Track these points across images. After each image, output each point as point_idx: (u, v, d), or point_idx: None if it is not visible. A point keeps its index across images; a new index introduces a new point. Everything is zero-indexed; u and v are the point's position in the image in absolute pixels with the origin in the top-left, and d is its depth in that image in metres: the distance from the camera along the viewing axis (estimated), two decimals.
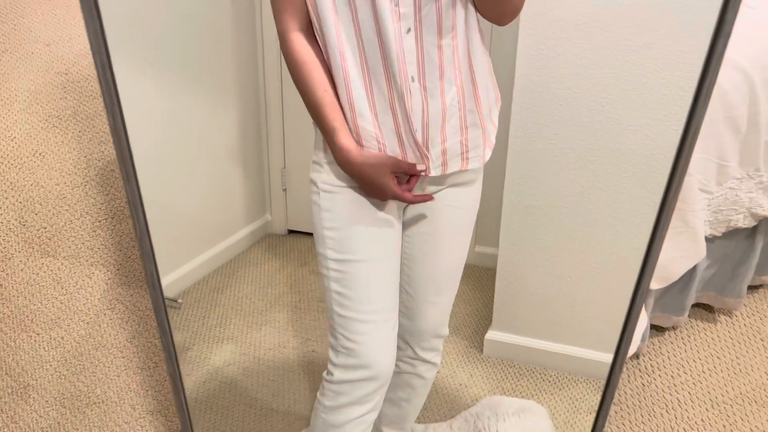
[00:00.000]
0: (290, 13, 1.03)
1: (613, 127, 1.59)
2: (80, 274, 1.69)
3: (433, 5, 0.99)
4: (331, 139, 1.06)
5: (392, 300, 1.16)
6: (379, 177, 1.06)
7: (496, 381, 1.86)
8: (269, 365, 1.95)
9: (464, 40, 1.05)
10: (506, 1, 0.99)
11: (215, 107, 2.39)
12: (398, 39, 0.98)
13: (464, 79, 1.07)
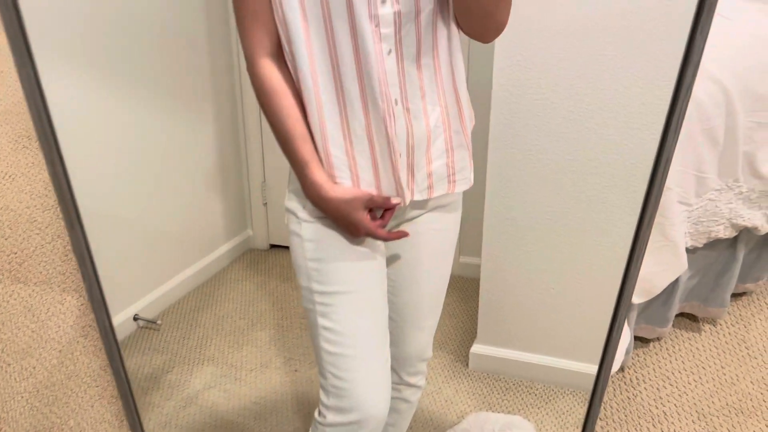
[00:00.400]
0: (259, 36, 0.97)
1: (591, 137, 1.58)
2: (52, 300, 1.64)
3: (412, 25, 0.96)
4: (301, 173, 1.00)
5: (383, 332, 1.10)
6: (352, 213, 1.01)
7: (482, 396, 1.84)
8: (251, 387, 1.91)
9: (447, 59, 1.01)
10: (490, 18, 0.95)
11: (191, 121, 2.36)
12: (380, 61, 0.94)
13: (448, 98, 1.03)
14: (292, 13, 0.92)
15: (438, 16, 0.97)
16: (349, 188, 1.01)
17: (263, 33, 0.96)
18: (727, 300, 1.90)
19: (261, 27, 0.96)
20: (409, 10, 0.94)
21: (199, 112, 2.36)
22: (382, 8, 0.92)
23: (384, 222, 1.05)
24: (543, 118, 1.59)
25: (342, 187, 1.01)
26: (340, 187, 1.00)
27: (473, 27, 0.97)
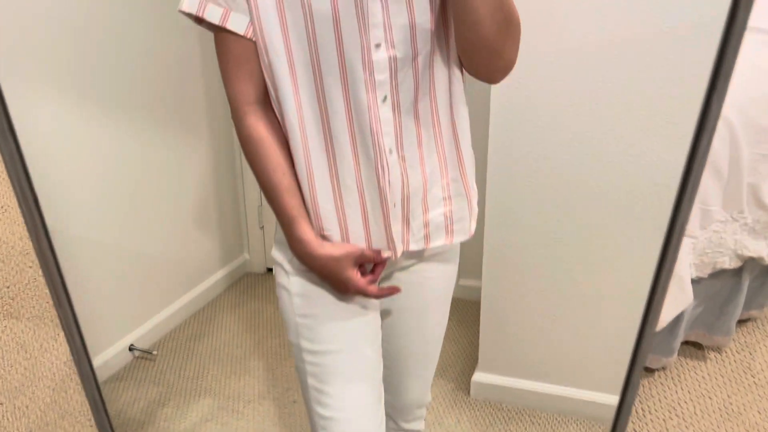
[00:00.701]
0: (244, 84, 0.91)
1: (593, 164, 1.56)
2: (45, 336, 1.60)
3: (409, 69, 0.90)
4: (287, 228, 0.95)
5: (377, 391, 1.05)
6: (341, 271, 0.95)
7: (485, 425, 1.80)
8: (249, 420, 1.87)
9: (446, 101, 0.96)
10: (496, 56, 0.88)
11: (185, 144, 2.34)
12: (374, 110, 0.88)
13: (446, 144, 0.98)
14: (278, 60, 0.88)
15: (437, 58, 0.92)
16: (338, 244, 0.95)
17: (248, 80, 0.91)
18: (732, 328, 1.88)
19: (246, 74, 0.90)
20: (405, 54, 0.88)
21: (194, 135, 2.34)
22: (376, 54, 0.87)
23: (375, 277, 0.99)
24: (543, 143, 1.58)
25: (330, 244, 0.95)
26: (329, 244, 0.95)
27: (479, 67, 0.91)
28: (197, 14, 0.87)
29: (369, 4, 0.84)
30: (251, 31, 0.87)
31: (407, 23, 0.87)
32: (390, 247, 0.97)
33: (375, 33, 0.86)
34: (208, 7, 0.87)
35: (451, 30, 0.92)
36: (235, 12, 0.86)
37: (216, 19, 0.86)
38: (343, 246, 0.95)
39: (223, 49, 0.89)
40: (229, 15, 0.86)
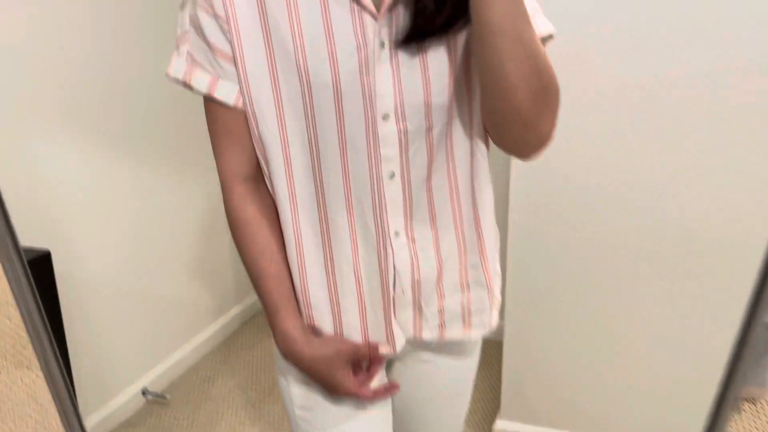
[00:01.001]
0: (233, 157, 0.81)
1: (618, 209, 1.52)
2: None
3: (423, 141, 0.78)
4: (271, 320, 0.84)
5: None
6: (331, 373, 0.83)
7: None
8: None
9: (467, 177, 0.83)
10: (530, 128, 0.74)
11: (197, 182, 2.31)
12: (379, 187, 0.78)
13: (465, 223, 0.85)
14: (269, 133, 0.79)
15: (456, 129, 0.81)
16: (328, 340, 0.84)
17: (239, 153, 0.81)
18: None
19: (236, 146, 0.81)
20: (418, 126, 0.77)
21: (203, 177, 2.31)
22: (384, 126, 0.76)
23: (370, 376, 0.87)
24: (570, 181, 1.54)
25: (319, 341, 0.83)
26: (317, 340, 0.83)
27: (509, 141, 0.77)
28: (184, 80, 0.79)
29: (376, 71, 0.75)
30: (242, 101, 0.79)
31: (422, 101, 0.77)
32: (389, 341, 0.85)
33: (382, 103, 0.76)
34: (195, 73, 0.79)
35: (476, 97, 0.80)
36: (223, 80, 0.78)
37: (203, 88, 0.78)
38: (333, 343, 0.83)
39: (212, 118, 0.81)
40: (217, 83, 0.78)
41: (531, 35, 0.68)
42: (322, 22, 0.74)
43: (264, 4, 0.75)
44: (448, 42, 0.76)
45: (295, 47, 0.74)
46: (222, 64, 0.77)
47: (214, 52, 0.77)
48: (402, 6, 0.74)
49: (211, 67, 0.78)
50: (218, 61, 0.77)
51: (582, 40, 1.45)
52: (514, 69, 0.68)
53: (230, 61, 0.77)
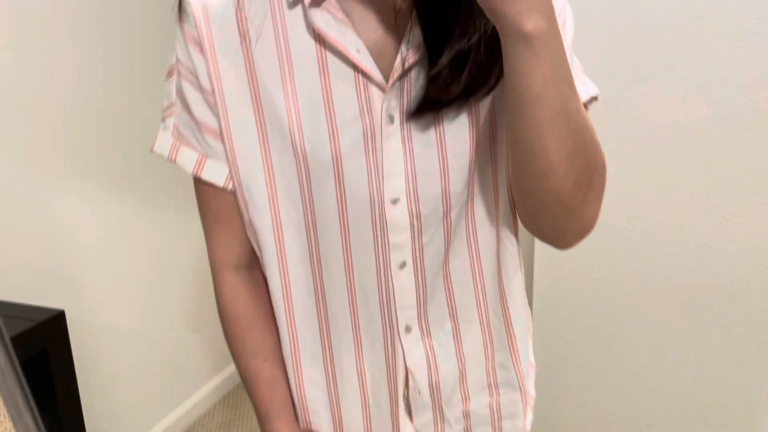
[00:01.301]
0: (224, 242, 0.73)
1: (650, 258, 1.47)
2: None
3: (439, 227, 0.68)
4: (263, 427, 0.75)
5: None
6: None
7: None
8: None
9: (492, 259, 0.72)
10: (573, 215, 0.62)
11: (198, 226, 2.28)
12: (386, 278, 0.68)
13: (492, 314, 0.74)
14: (261, 218, 0.69)
15: (479, 208, 0.70)
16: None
17: (230, 239, 0.73)
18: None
19: (227, 232, 0.72)
20: (432, 210, 0.67)
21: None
22: (393, 210, 0.66)
23: None
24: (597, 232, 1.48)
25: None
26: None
27: (545, 228, 0.66)
28: (169, 158, 0.70)
29: (384, 150, 0.65)
30: (232, 183, 0.70)
31: (438, 182, 0.67)
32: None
33: (392, 186, 0.66)
34: (182, 150, 0.70)
35: (502, 171, 0.70)
36: (212, 159, 0.69)
37: (189, 167, 0.70)
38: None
39: (201, 198, 0.73)
40: (204, 163, 0.70)
41: (576, 105, 0.57)
42: (321, 93, 0.65)
43: (255, 74, 0.66)
44: (469, 109, 0.65)
45: (290, 122, 0.65)
46: (210, 141, 0.69)
47: (201, 128, 0.68)
48: (414, 73, 0.64)
49: (198, 145, 0.69)
50: (205, 138, 0.69)
51: (605, 85, 1.42)
52: (556, 145, 0.56)
53: (219, 139, 0.68)
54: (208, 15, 0.66)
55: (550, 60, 0.53)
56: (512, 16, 0.51)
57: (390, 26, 0.65)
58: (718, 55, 1.32)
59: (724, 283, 1.44)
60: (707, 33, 1.32)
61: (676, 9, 1.33)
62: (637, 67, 1.39)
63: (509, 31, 0.52)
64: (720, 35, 1.32)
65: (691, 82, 1.35)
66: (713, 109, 1.35)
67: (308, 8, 0.62)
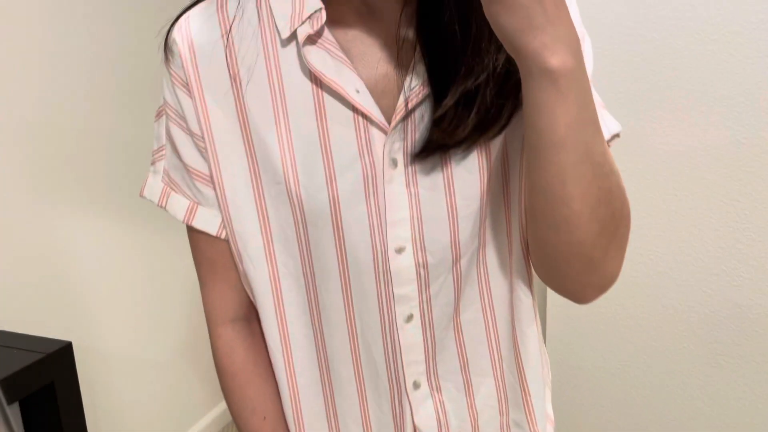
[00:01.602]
0: (220, 293, 0.68)
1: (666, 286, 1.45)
2: None
3: (449, 276, 0.63)
4: None
5: None
6: None
7: None
8: None
9: (506, 307, 0.67)
10: (594, 268, 0.56)
11: None
12: (391, 332, 0.63)
13: (506, 367, 0.69)
14: (256, 270, 0.64)
15: (490, 253, 0.65)
16: None
17: (226, 291, 0.68)
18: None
19: (222, 283, 0.68)
20: (441, 259, 0.62)
21: None
22: (398, 260, 0.61)
23: None
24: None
25: None
26: None
27: (564, 281, 0.60)
28: (160, 204, 0.67)
29: (387, 196, 0.60)
30: (225, 231, 0.65)
31: (447, 229, 0.61)
32: None
33: (396, 234, 0.61)
34: (172, 197, 0.66)
35: (515, 219, 0.65)
36: (203, 207, 0.65)
37: (180, 215, 0.66)
38: None
39: (194, 246, 0.68)
40: (196, 210, 0.66)
41: (602, 148, 0.52)
42: (317, 137, 0.60)
43: (246, 117, 0.61)
44: (479, 148, 0.60)
45: (284, 168, 0.60)
46: (201, 188, 0.64)
47: (191, 174, 0.64)
48: (418, 113, 0.59)
49: (189, 191, 0.65)
50: (196, 184, 0.64)
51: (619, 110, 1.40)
52: (579, 193, 0.51)
53: (210, 185, 0.64)
54: (196, 55, 0.62)
55: (576, 100, 0.48)
56: (536, 51, 0.47)
57: (392, 62, 0.60)
58: (733, 78, 1.31)
59: (741, 310, 1.41)
60: (722, 56, 1.31)
61: (691, 32, 1.32)
62: (652, 92, 1.38)
63: (532, 67, 0.48)
64: (735, 58, 1.30)
65: (706, 106, 1.34)
66: (729, 134, 1.34)
67: (302, 46, 0.58)
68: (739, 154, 1.34)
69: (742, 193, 1.36)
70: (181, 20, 0.64)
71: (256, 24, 0.61)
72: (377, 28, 0.60)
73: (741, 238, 1.38)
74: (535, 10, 0.45)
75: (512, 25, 0.46)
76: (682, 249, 1.43)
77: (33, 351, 1.09)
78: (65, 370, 1.12)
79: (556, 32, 0.46)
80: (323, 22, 0.58)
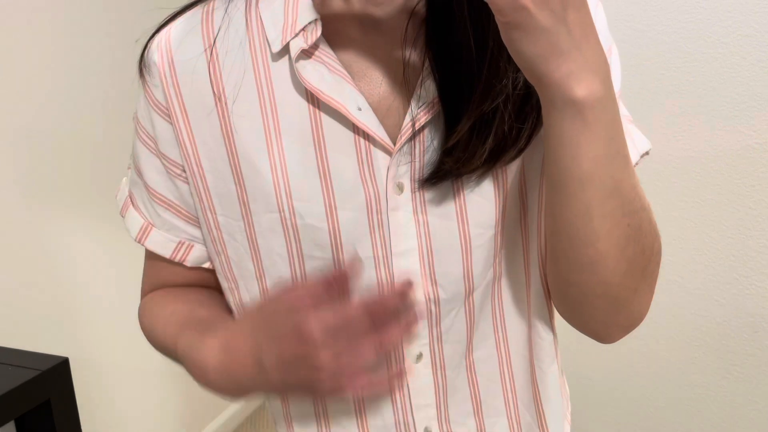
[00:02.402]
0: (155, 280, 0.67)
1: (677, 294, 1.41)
2: None
3: (460, 311, 0.57)
4: (188, 363, 0.58)
5: None
6: (288, 349, 0.47)
7: None
8: None
9: (523, 342, 0.62)
10: (622, 307, 0.52)
11: None
12: (399, 370, 0.58)
13: (522, 407, 0.63)
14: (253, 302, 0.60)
15: (506, 290, 0.59)
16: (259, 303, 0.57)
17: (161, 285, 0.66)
18: None
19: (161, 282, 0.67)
20: (453, 293, 0.56)
21: None
22: None
23: (388, 343, 0.47)
24: None
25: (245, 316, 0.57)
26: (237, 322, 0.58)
27: (589, 321, 0.55)
28: (121, 213, 0.64)
29: (392, 225, 0.54)
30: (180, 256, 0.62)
31: (460, 261, 0.55)
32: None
33: (403, 265, 0.55)
34: (130, 211, 0.64)
35: (533, 249, 0.59)
36: (159, 230, 0.62)
37: (133, 233, 0.64)
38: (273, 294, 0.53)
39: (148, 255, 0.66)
40: (150, 232, 0.63)
41: (632, 182, 0.47)
42: (315, 162, 0.53)
43: (233, 139, 0.55)
44: (494, 172, 0.54)
45: (278, 197, 0.54)
46: (160, 211, 0.61)
47: (152, 196, 0.61)
48: (426, 133, 0.53)
49: (146, 212, 0.62)
50: (155, 207, 0.61)
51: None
52: (606, 232, 0.46)
53: (172, 210, 0.61)
54: (177, 75, 0.56)
55: (605, 131, 0.43)
56: (560, 79, 0.41)
57: (398, 80, 0.54)
58: (745, 82, 1.29)
59: (754, 319, 1.39)
60: (733, 59, 1.29)
61: (702, 36, 1.30)
62: (662, 96, 1.35)
63: (555, 97, 0.42)
64: (746, 62, 1.28)
65: (717, 110, 1.32)
66: (741, 138, 1.31)
67: (295, 62, 0.52)
68: (751, 160, 1.31)
69: (755, 200, 1.33)
70: (161, 34, 0.58)
71: (244, 34, 0.55)
72: (381, 42, 0.54)
73: (753, 245, 1.36)
74: (559, 35, 0.40)
75: (534, 52, 0.41)
76: (693, 257, 1.40)
77: (28, 368, 1.05)
78: (62, 386, 1.08)
79: (583, 58, 0.41)
80: (319, 34, 0.51)
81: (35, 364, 1.07)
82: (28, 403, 1.03)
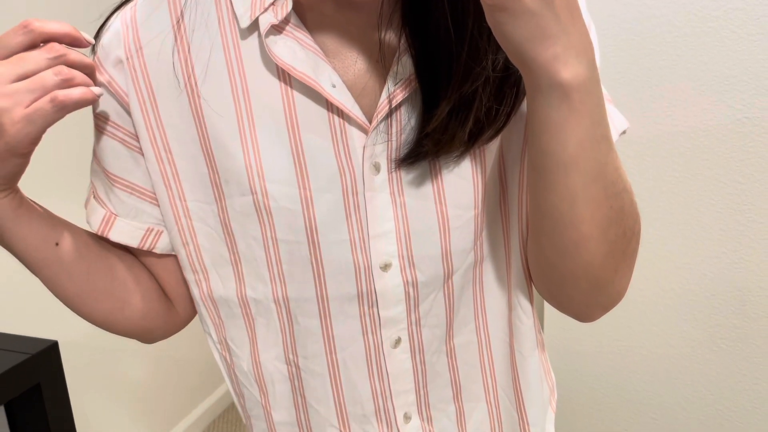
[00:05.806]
0: None
1: (665, 269, 1.42)
2: None
3: (439, 294, 0.56)
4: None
5: None
6: None
7: None
8: None
9: (503, 328, 0.61)
10: (603, 287, 0.52)
11: None
12: (377, 360, 0.57)
13: (501, 393, 0.63)
14: (227, 291, 0.58)
15: (487, 273, 0.59)
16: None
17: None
18: None
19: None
20: (431, 276, 0.56)
21: None
22: (383, 278, 0.55)
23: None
24: None
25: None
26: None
27: (570, 301, 0.55)
28: (84, 205, 0.62)
29: (369, 206, 0.53)
30: (149, 243, 0.60)
31: (438, 242, 0.55)
32: None
33: (380, 249, 0.54)
34: (91, 202, 0.62)
35: (513, 230, 0.58)
36: (123, 219, 0.59)
37: (94, 226, 0.61)
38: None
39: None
40: (113, 222, 0.60)
41: (615, 165, 0.47)
42: (289, 142, 0.52)
43: (203, 121, 0.53)
44: (473, 151, 0.53)
45: (251, 179, 0.52)
46: (123, 197, 0.59)
47: (111, 181, 0.58)
48: (403, 111, 0.52)
49: (108, 200, 0.60)
50: (117, 192, 0.58)
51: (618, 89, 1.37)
52: (589, 215, 0.47)
53: (135, 194, 0.58)
54: (144, 54, 0.53)
55: (590, 115, 0.43)
56: (546, 63, 0.41)
57: (373, 58, 0.52)
58: (735, 56, 1.28)
59: (742, 293, 1.40)
60: (723, 33, 1.28)
61: (691, 9, 1.29)
62: (651, 70, 1.34)
63: (541, 80, 0.42)
64: (736, 36, 1.27)
65: (707, 85, 1.31)
66: (730, 113, 1.31)
67: (265, 37, 0.49)
68: (741, 134, 1.31)
69: (744, 174, 1.34)
70: (125, 9, 0.55)
71: (213, 10, 0.52)
72: (356, 18, 0.52)
73: (742, 219, 1.36)
74: (546, 18, 0.40)
75: (521, 35, 0.40)
76: (682, 231, 1.41)
77: (17, 351, 1.04)
78: (52, 370, 1.07)
79: (570, 41, 0.41)
80: (290, 9, 0.50)
81: (24, 347, 1.05)
82: (18, 387, 1.02)
